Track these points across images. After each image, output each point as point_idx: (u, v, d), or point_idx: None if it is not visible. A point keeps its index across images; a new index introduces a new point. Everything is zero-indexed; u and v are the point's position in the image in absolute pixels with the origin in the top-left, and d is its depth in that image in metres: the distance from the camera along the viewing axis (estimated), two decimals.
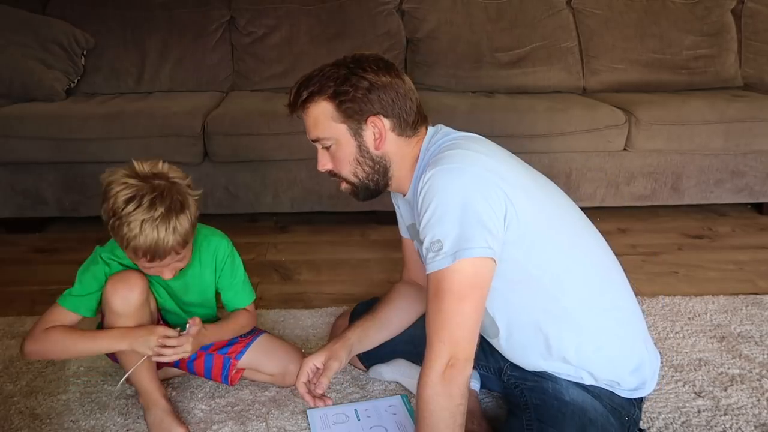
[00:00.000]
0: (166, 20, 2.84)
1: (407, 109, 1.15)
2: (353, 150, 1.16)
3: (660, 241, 2.42)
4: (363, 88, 1.11)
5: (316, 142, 1.20)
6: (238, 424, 1.36)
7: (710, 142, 2.49)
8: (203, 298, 1.43)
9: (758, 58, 2.99)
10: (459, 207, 1.02)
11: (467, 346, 1.04)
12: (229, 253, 1.41)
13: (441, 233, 1.02)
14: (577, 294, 1.13)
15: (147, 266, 1.22)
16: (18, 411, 1.40)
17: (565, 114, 2.46)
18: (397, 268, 1.53)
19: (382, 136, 1.15)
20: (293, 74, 2.83)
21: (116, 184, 1.17)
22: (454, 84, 2.85)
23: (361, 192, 1.22)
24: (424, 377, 1.05)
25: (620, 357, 1.17)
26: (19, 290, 1.99)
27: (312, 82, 1.15)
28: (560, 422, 1.13)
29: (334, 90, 1.12)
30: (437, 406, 1.04)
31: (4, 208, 2.40)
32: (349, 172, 1.19)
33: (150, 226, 1.14)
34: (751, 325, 1.77)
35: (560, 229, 1.14)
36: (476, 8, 2.92)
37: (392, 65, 1.16)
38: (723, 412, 1.40)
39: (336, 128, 1.15)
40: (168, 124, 2.31)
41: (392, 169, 1.19)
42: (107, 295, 1.26)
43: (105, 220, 1.18)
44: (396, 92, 1.14)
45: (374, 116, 1.13)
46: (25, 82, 2.52)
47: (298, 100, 1.17)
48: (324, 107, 1.14)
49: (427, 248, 1.04)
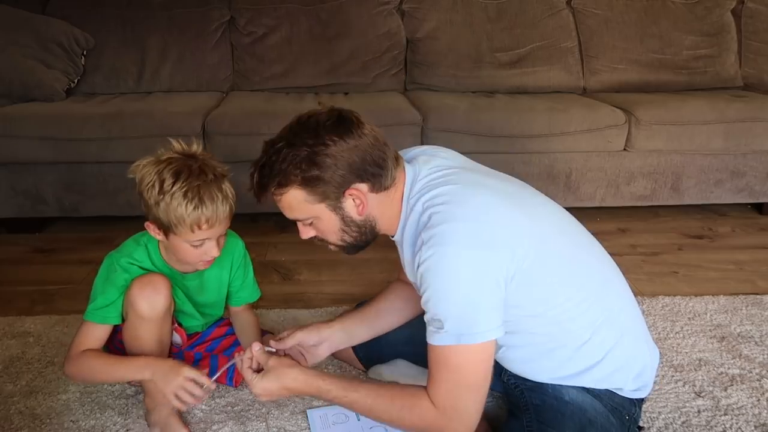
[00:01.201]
0: (166, 20, 2.84)
1: (379, 162, 1.09)
2: (336, 222, 1.13)
3: (660, 241, 2.42)
4: (330, 165, 1.05)
5: (296, 220, 1.16)
6: (238, 424, 1.36)
7: (710, 142, 2.50)
8: (217, 298, 1.44)
9: (758, 58, 2.99)
10: (459, 292, 1.01)
11: (470, 419, 1.06)
12: (243, 253, 1.44)
13: (441, 313, 1.02)
14: (580, 317, 1.12)
15: (203, 237, 1.20)
16: (18, 411, 1.40)
17: (565, 114, 2.46)
18: (396, 268, 1.54)
19: (363, 202, 1.10)
20: (293, 74, 2.84)
21: (152, 165, 1.19)
22: (454, 84, 2.85)
23: (350, 250, 1.21)
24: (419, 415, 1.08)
25: (624, 366, 1.17)
26: (19, 290, 1.99)
27: (274, 172, 1.07)
28: (560, 423, 1.13)
29: (301, 178, 1.06)
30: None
31: (4, 208, 2.40)
32: (337, 239, 1.17)
33: (206, 190, 1.16)
34: (751, 325, 1.77)
35: (559, 257, 1.11)
36: (476, 8, 2.92)
37: (347, 118, 1.08)
38: (723, 412, 1.40)
39: (314, 209, 1.11)
40: (168, 124, 2.30)
41: (378, 225, 1.16)
42: (133, 298, 1.23)
43: (152, 204, 1.18)
44: (363, 152, 1.07)
45: (349, 188, 1.08)
46: (25, 82, 2.52)
47: (266, 191, 1.10)
48: (295, 194, 1.09)
49: (428, 320, 1.05)
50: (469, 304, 1.02)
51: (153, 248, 1.32)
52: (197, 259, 1.26)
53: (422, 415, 1.08)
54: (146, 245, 1.31)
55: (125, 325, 1.29)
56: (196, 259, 1.26)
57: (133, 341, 1.28)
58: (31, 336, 1.69)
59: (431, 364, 1.06)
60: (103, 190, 2.36)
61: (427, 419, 1.07)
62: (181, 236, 1.20)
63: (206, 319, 1.47)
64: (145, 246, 1.31)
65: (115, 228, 2.45)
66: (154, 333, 1.28)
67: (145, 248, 1.31)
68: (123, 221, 2.45)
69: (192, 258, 1.26)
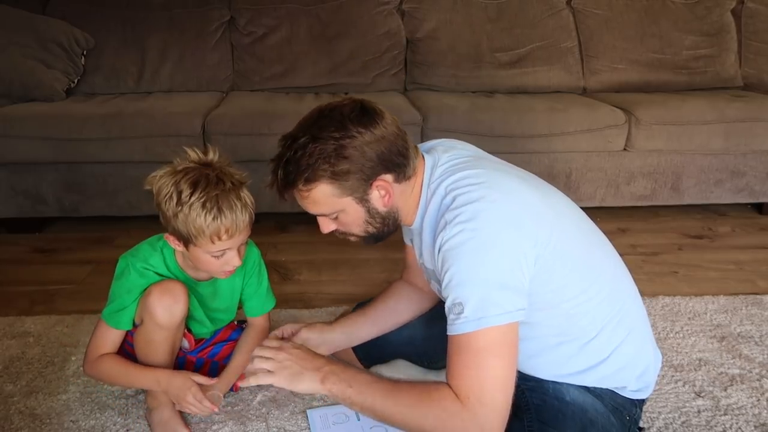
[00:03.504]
0: (166, 20, 2.84)
1: (403, 152, 1.08)
2: (362, 215, 1.11)
3: (660, 241, 2.42)
4: (359, 158, 1.03)
5: (319, 215, 1.14)
6: (238, 424, 1.36)
7: (710, 142, 2.50)
8: (229, 304, 1.43)
9: (758, 58, 2.99)
10: (482, 272, 0.98)
11: (495, 411, 0.98)
12: (258, 261, 1.42)
13: (462, 296, 0.98)
14: (591, 312, 1.12)
15: (224, 247, 1.19)
16: (18, 411, 1.40)
17: (565, 114, 2.46)
18: (397, 268, 1.53)
19: (389, 193, 1.09)
20: (293, 74, 2.84)
21: (169, 176, 1.16)
22: (454, 84, 2.85)
23: (371, 241, 1.18)
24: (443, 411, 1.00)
25: (629, 365, 1.17)
26: (19, 290, 1.98)
27: (301, 168, 1.04)
28: (561, 423, 1.13)
29: (330, 172, 1.04)
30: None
31: (4, 208, 2.40)
32: (360, 231, 1.15)
33: (224, 199, 1.15)
34: (751, 325, 1.77)
35: (576, 250, 1.11)
36: (476, 8, 2.92)
37: (369, 109, 1.07)
38: (723, 412, 1.40)
39: (340, 202, 1.08)
40: (168, 124, 2.30)
41: (400, 215, 1.15)
42: (152, 305, 1.22)
43: (171, 216, 1.16)
44: (389, 142, 1.06)
45: (377, 179, 1.07)
46: (25, 82, 2.52)
47: (292, 187, 1.07)
48: (323, 189, 1.06)
49: (449, 308, 1.01)
50: (494, 284, 0.98)
51: (169, 254, 1.30)
52: (218, 269, 1.25)
53: (447, 409, 0.99)
54: (162, 250, 1.29)
55: (139, 329, 1.28)
56: (218, 269, 1.25)
57: (146, 346, 1.28)
58: (31, 336, 1.69)
59: (451, 355, 1.00)
60: (103, 190, 2.36)
61: (451, 413, 0.98)
62: (201, 247, 1.18)
63: (216, 326, 1.46)
64: (161, 251, 1.29)
65: (115, 228, 2.46)
66: (168, 340, 1.28)
67: (161, 253, 1.29)
68: (123, 221, 2.46)
69: (213, 268, 1.25)
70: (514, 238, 1.00)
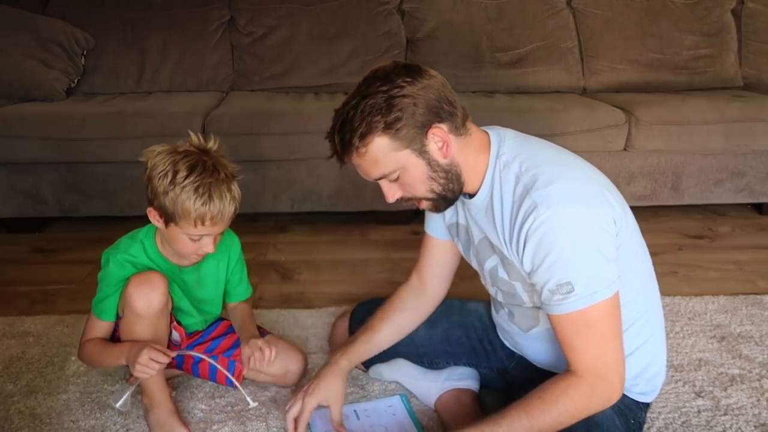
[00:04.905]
0: (166, 20, 2.85)
1: (452, 101, 1.10)
2: (424, 170, 1.10)
3: (660, 241, 2.41)
4: (409, 105, 1.04)
5: (381, 179, 1.12)
6: (238, 424, 1.36)
7: (710, 142, 2.49)
8: (215, 294, 1.45)
9: (758, 58, 2.99)
10: (586, 249, 1.01)
11: (619, 368, 1.05)
12: (240, 251, 1.47)
13: (570, 276, 1.01)
14: (628, 305, 1.11)
15: (203, 233, 1.22)
16: (18, 411, 1.40)
17: (565, 114, 2.46)
18: (397, 268, 1.53)
19: (445, 142, 1.09)
20: (293, 74, 2.84)
21: (168, 155, 1.21)
22: (454, 84, 2.77)
23: (441, 204, 1.17)
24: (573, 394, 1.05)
25: (648, 365, 1.18)
26: (19, 290, 1.99)
27: (355, 125, 1.05)
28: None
29: (384, 122, 1.04)
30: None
31: (4, 208, 2.40)
32: (426, 191, 1.13)
33: (216, 188, 1.19)
34: (751, 325, 1.77)
35: (630, 237, 1.13)
36: (476, 8, 2.92)
37: (415, 66, 1.09)
38: (723, 412, 1.40)
39: (399, 157, 1.08)
40: (168, 124, 2.30)
41: (463, 174, 1.14)
42: (129, 296, 1.25)
43: (161, 192, 1.19)
44: (436, 90, 1.08)
45: (431, 127, 1.07)
46: (25, 82, 2.52)
47: (350, 148, 1.07)
48: (380, 143, 1.06)
49: (551, 290, 1.03)
50: (598, 259, 1.02)
51: (149, 243, 1.32)
52: (192, 251, 1.28)
53: (579, 391, 1.05)
54: (142, 241, 1.32)
55: (122, 321, 1.31)
56: (191, 251, 1.28)
57: (130, 336, 1.29)
58: (31, 336, 1.69)
59: (567, 335, 1.05)
60: (103, 190, 2.36)
61: (583, 391, 1.05)
62: (182, 228, 1.22)
63: (204, 317, 1.47)
64: (140, 242, 1.32)
65: (115, 228, 2.43)
66: (150, 330, 1.28)
67: (141, 244, 1.32)
68: (123, 221, 2.45)
69: (187, 250, 1.27)
70: (603, 212, 1.05)
